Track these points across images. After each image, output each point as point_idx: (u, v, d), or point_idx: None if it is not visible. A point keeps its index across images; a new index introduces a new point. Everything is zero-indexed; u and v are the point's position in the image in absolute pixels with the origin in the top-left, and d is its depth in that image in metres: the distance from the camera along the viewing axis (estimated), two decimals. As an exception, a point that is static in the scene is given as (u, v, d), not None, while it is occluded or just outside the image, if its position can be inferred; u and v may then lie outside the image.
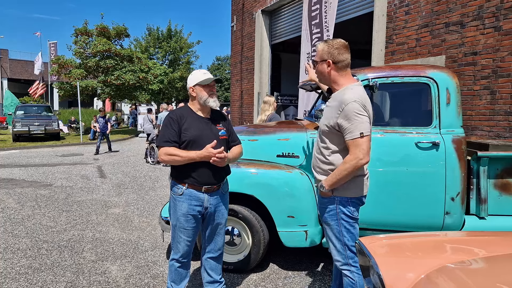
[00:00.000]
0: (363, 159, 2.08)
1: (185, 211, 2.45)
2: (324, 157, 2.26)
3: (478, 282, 1.37)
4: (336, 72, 2.22)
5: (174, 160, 2.38)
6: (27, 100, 25.62)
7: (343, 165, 2.13)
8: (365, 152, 2.08)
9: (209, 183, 2.46)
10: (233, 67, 13.27)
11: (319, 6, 6.50)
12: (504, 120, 4.74)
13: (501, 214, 3.13)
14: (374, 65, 6.57)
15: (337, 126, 2.14)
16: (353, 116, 2.07)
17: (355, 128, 2.07)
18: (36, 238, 4.24)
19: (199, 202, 2.46)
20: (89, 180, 7.76)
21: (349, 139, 2.10)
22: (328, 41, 2.27)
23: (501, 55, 4.75)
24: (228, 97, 34.36)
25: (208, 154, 2.32)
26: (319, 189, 2.28)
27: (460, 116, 3.08)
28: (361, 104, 2.09)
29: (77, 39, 19.93)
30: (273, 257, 3.69)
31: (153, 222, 4.86)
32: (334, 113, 2.16)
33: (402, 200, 3.07)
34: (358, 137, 2.07)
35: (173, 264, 2.58)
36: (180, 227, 2.48)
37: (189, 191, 2.45)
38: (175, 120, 2.44)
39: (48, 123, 16.16)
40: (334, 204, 2.24)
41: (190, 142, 2.40)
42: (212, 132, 2.48)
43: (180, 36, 30.09)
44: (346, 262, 2.26)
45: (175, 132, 2.40)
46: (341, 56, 2.20)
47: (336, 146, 2.22)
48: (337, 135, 2.19)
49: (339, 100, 2.16)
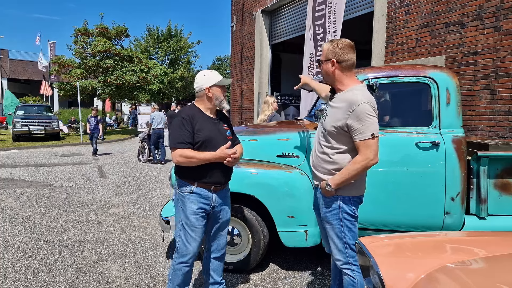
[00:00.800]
0: (373, 160, 2.12)
1: (195, 209, 2.43)
2: (328, 156, 2.26)
3: (478, 282, 1.37)
4: (340, 71, 2.21)
5: (190, 162, 2.36)
6: (27, 100, 25.63)
7: (352, 165, 2.15)
8: (375, 153, 2.13)
9: (219, 182, 2.48)
10: (233, 67, 13.27)
11: (324, 7, 6.48)
12: (504, 120, 4.74)
13: (501, 214, 3.13)
14: (374, 65, 6.57)
15: (346, 127, 2.15)
16: (364, 117, 2.09)
17: (366, 129, 2.09)
18: (36, 238, 4.24)
19: (207, 201, 2.46)
20: (89, 180, 7.76)
21: (360, 140, 2.12)
22: (334, 40, 2.27)
23: (501, 55, 4.75)
24: (228, 97, 34.31)
25: (224, 155, 2.36)
26: (323, 188, 2.27)
27: (460, 116, 3.08)
28: (372, 105, 2.12)
29: (77, 39, 19.92)
30: (273, 257, 3.69)
31: (153, 222, 4.86)
32: (343, 114, 2.16)
33: (402, 200, 3.07)
34: (369, 138, 2.10)
35: (181, 268, 2.46)
36: (191, 226, 2.43)
37: (199, 189, 2.44)
38: (188, 120, 2.40)
39: (48, 123, 16.17)
40: (337, 203, 2.25)
41: (204, 143, 2.39)
42: (220, 132, 2.50)
43: (180, 36, 30.11)
44: (347, 261, 2.26)
45: (189, 133, 2.38)
46: (345, 55, 2.19)
47: (342, 146, 2.22)
48: (344, 136, 2.19)
49: (348, 101, 2.15)
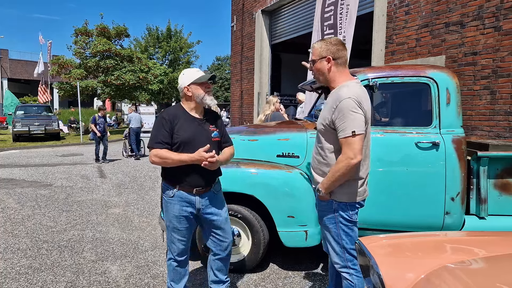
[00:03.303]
0: (354, 159, 2.01)
1: (177, 213, 2.45)
2: (322, 157, 2.22)
3: (478, 282, 1.37)
4: (335, 68, 2.18)
5: (165, 162, 2.34)
6: (27, 100, 25.61)
7: (336, 166, 2.08)
8: (356, 151, 2.00)
9: (200, 185, 2.44)
10: (233, 67, 13.27)
11: (333, 8, 6.46)
12: (504, 120, 4.74)
13: (501, 214, 3.13)
14: (374, 65, 6.57)
15: (332, 124, 2.09)
16: (347, 113, 2.01)
17: (347, 126, 2.01)
18: (36, 238, 4.25)
19: (190, 204, 2.45)
20: (89, 180, 7.76)
21: (341, 137, 2.04)
22: (325, 39, 2.25)
23: (501, 55, 4.75)
24: (228, 97, 34.37)
25: (200, 158, 2.28)
26: (316, 192, 2.25)
27: (460, 116, 3.08)
28: (356, 101, 2.03)
29: (77, 39, 19.94)
30: (273, 257, 3.69)
31: (153, 222, 4.86)
32: (328, 110, 2.12)
33: (402, 200, 3.07)
34: (350, 136, 2.00)
35: (170, 263, 2.59)
36: (173, 228, 2.49)
37: (180, 193, 2.43)
38: (167, 120, 2.37)
39: (48, 123, 16.18)
40: (332, 208, 2.20)
41: (182, 144, 2.36)
42: (205, 134, 2.44)
43: (180, 36, 30.10)
44: (345, 265, 2.24)
45: (168, 133, 2.35)
46: (340, 52, 2.18)
47: (331, 145, 2.17)
48: (332, 134, 2.13)
49: (334, 98, 2.12)
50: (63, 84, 19.86)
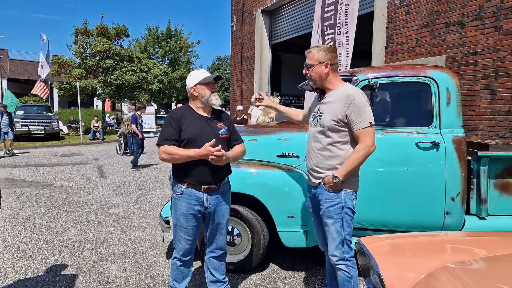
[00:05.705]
0: (373, 146, 2.29)
1: (184, 211, 2.47)
2: (330, 151, 2.37)
3: (478, 282, 1.37)
4: (332, 72, 2.43)
5: (173, 158, 2.40)
6: (27, 100, 25.59)
7: (355, 154, 2.29)
8: (374, 140, 2.29)
9: (208, 183, 2.47)
10: (233, 67, 13.27)
11: (333, 8, 6.46)
12: (504, 120, 4.74)
13: (501, 214, 3.12)
14: (374, 65, 6.57)
15: (346, 118, 2.30)
16: (362, 107, 2.27)
17: (364, 118, 2.27)
18: (36, 238, 4.24)
19: (198, 202, 2.47)
20: (89, 180, 7.76)
21: (359, 129, 2.28)
22: (322, 46, 2.50)
23: (501, 55, 4.75)
24: (228, 97, 34.36)
25: (206, 152, 2.33)
26: (329, 182, 2.34)
27: (460, 116, 3.08)
28: (366, 97, 2.32)
29: (77, 39, 19.92)
30: (273, 257, 3.69)
31: (153, 222, 4.86)
32: (341, 107, 2.31)
33: (402, 200, 3.06)
34: (368, 126, 2.27)
35: (175, 262, 2.60)
36: (180, 226, 2.51)
37: (189, 190, 2.46)
38: (175, 119, 2.46)
39: (48, 123, 16.17)
40: (340, 198, 2.33)
41: (190, 140, 2.41)
42: (213, 130, 2.49)
43: (180, 36, 30.11)
44: (343, 257, 2.32)
45: (175, 131, 2.43)
46: (335, 59, 2.44)
47: (343, 139, 2.36)
48: (344, 128, 2.33)
49: (344, 96, 2.33)
50: (63, 84, 19.84)
